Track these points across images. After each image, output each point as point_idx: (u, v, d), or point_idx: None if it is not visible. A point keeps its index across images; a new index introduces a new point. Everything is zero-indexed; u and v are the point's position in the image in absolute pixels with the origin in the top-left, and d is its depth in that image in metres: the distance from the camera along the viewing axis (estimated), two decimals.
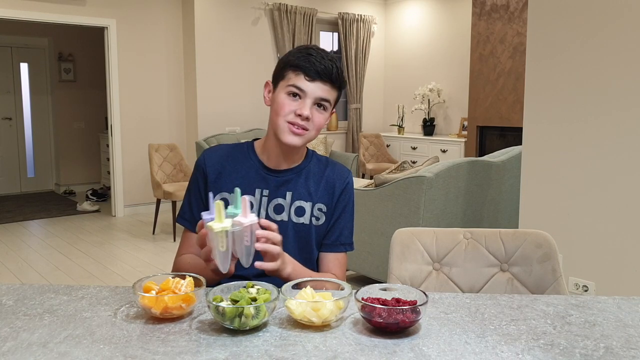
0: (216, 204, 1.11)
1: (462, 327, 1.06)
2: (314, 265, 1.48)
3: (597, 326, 1.08)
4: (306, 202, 1.42)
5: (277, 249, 1.21)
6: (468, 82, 6.46)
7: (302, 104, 1.33)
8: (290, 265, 1.30)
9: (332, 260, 1.45)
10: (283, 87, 1.36)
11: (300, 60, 1.34)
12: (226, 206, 1.15)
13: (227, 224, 1.11)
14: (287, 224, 1.41)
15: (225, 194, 1.40)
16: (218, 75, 6.27)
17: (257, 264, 1.20)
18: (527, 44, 3.10)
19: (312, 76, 1.32)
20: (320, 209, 1.43)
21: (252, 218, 1.14)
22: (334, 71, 1.34)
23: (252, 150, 1.46)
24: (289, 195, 1.41)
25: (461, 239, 1.56)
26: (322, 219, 1.44)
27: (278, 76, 1.39)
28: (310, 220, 1.42)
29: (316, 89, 1.33)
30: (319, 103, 1.35)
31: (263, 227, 1.19)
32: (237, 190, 1.16)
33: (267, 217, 1.39)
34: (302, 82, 1.33)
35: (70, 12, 5.52)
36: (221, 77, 6.30)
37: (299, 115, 1.33)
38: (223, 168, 1.43)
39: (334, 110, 1.44)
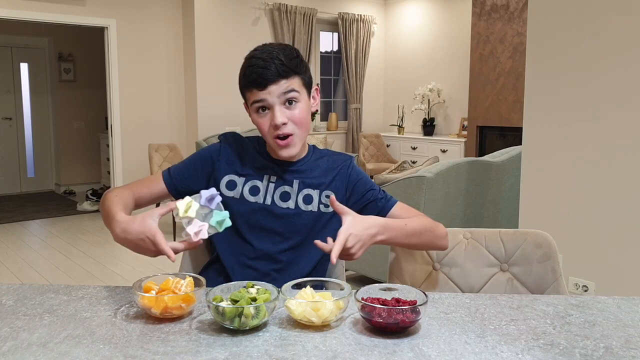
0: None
1: (462, 327, 1.06)
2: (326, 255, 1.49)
3: (597, 326, 1.08)
4: (313, 190, 1.43)
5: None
6: (468, 82, 6.46)
7: (272, 114, 1.33)
8: (379, 234, 1.26)
9: (397, 212, 1.43)
10: (251, 108, 1.37)
11: (246, 77, 1.33)
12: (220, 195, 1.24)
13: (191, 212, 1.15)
14: (294, 212, 1.41)
15: (235, 177, 1.42)
16: (218, 75, 6.27)
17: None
18: (527, 44, 3.10)
19: (262, 85, 1.31)
20: (328, 196, 1.43)
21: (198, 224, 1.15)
22: (279, 66, 1.30)
23: (263, 143, 1.47)
24: (296, 183, 1.42)
25: (461, 239, 1.57)
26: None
27: (243, 98, 1.40)
28: (319, 207, 1.42)
29: (273, 92, 1.31)
30: (287, 99, 1.33)
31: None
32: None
33: (273, 204, 1.40)
34: (257, 95, 1.32)
35: (70, 12, 5.52)
36: (221, 77, 6.30)
37: (275, 126, 1.33)
38: (237, 154, 1.45)
39: (316, 87, 1.43)
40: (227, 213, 1.19)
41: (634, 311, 1.15)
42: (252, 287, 1.10)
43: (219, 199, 1.18)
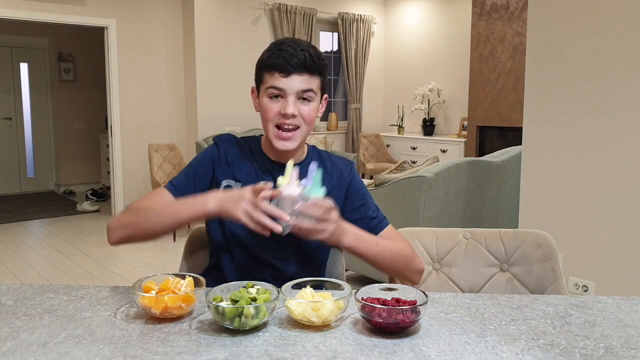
0: (288, 165, 1.20)
1: (462, 327, 1.06)
2: (324, 260, 1.49)
3: (597, 326, 1.08)
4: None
5: (312, 227, 1.18)
6: (468, 82, 6.46)
7: (285, 103, 1.31)
8: (349, 236, 1.27)
9: (387, 235, 1.42)
10: (263, 91, 1.34)
11: (272, 59, 1.31)
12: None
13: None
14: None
15: (232, 182, 1.39)
16: (218, 75, 6.27)
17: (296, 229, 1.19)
18: (527, 44, 3.09)
19: (286, 71, 1.29)
20: None
21: (294, 191, 1.15)
22: (308, 59, 1.29)
23: (259, 144, 1.45)
24: None
25: (461, 239, 1.57)
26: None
27: (257, 80, 1.37)
28: None
29: (294, 83, 1.30)
30: (303, 96, 1.32)
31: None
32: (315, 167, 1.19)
33: None
34: (278, 80, 1.30)
35: (70, 12, 5.52)
36: (221, 77, 6.30)
37: (284, 115, 1.31)
38: (234, 157, 1.42)
39: (325, 96, 1.41)
40: (320, 189, 1.18)
41: (634, 311, 1.15)
42: (252, 287, 1.10)
43: (312, 174, 1.17)
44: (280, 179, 1.18)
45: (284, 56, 1.29)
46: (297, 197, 1.14)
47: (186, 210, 1.25)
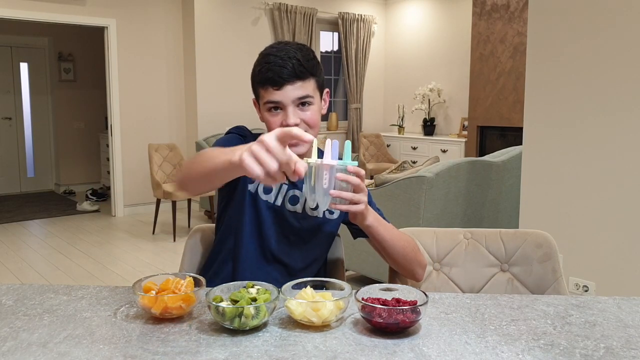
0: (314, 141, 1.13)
1: (462, 327, 1.06)
2: (323, 257, 1.51)
3: (598, 326, 1.08)
4: None
5: (353, 196, 1.17)
6: (468, 82, 6.46)
7: (285, 115, 1.31)
8: (372, 215, 1.30)
9: None
10: (262, 106, 1.34)
11: (262, 73, 1.31)
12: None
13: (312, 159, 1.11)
14: (301, 216, 1.41)
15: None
16: (218, 75, 6.27)
17: (336, 206, 1.18)
18: (528, 43, 3.09)
19: (278, 84, 1.29)
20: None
21: (332, 161, 1.11)
22: (297, 66, 1.29)
23: None
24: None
25: (461, 239, 1.56)
26: (336, 212, 1.44)
27: (255, 94, 1.38)
28: (324, 213, 1.43)
29: (289, 93, 1.30)
30: (301, 102, 1.32)
31: (350, 173, 1.14)
32: (347, 142, 1.16)
33: (283, 205, 1.40)
34: (272, 94, 1.30)
35: (70, 12, 5.52)
36: (221, 77, 6.30)
37: (287, 126, 1.30)
38: None
39: (326, 90, 1.41)
40: (349, 162, 1.15)
41: (635, 311, 1.15)
42: (252, 287, 1.10)
43: (336, 152, 1.13)
44: (307, 159, 1.13)
45: (273, 69, 1.29)
46: (335, 167, 1.11)
47: (222, 156, 1.08)
